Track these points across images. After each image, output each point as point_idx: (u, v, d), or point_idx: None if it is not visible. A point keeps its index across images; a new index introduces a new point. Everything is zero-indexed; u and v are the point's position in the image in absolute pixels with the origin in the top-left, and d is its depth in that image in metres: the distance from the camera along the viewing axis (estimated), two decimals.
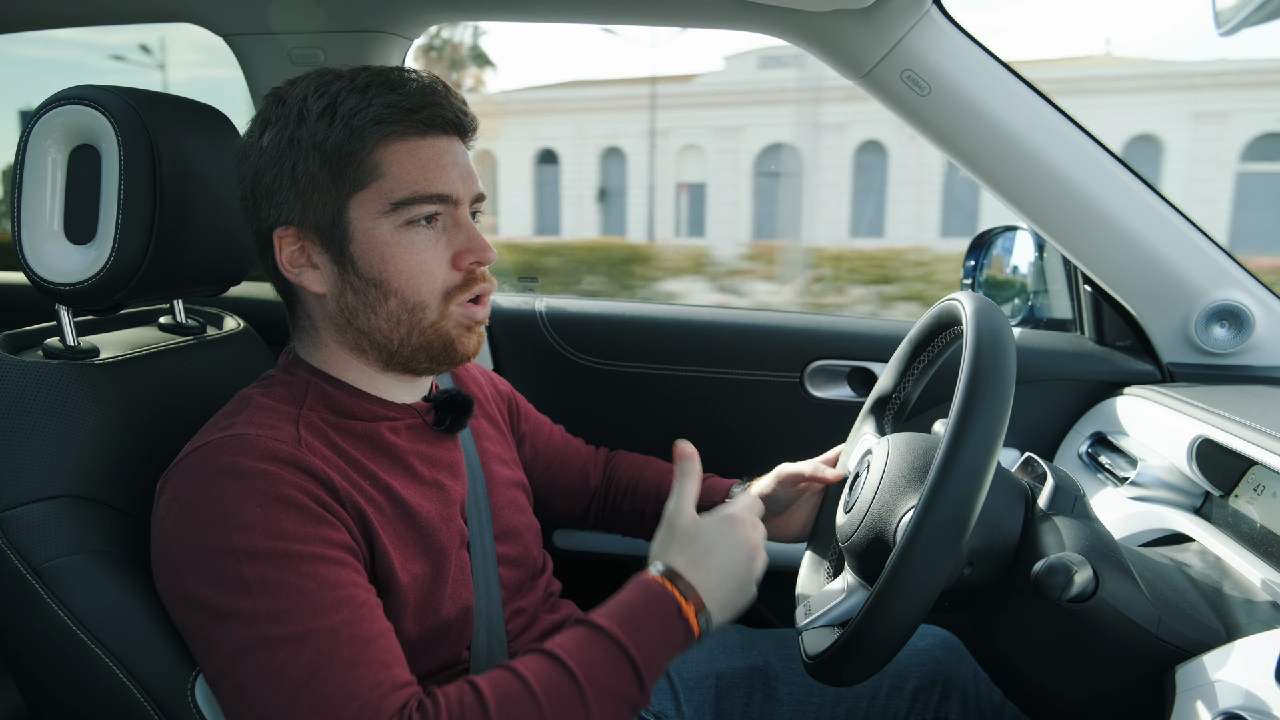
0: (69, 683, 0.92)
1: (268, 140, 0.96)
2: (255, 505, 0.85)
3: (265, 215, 0.98)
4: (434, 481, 1.05)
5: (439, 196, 0.96)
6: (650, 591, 0.92)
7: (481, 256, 0.99)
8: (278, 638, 0.81)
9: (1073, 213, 1.39)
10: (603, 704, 0.85)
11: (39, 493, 0.94)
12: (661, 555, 0.98)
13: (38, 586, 0.91)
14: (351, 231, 0.96)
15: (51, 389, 0.99)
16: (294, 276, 0.99)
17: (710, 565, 0.96)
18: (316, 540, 0.86)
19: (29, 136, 1.01)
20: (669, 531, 0.99)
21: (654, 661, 0.89)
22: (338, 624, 0.83)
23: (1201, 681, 0.81)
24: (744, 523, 1.01)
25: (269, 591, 0.82)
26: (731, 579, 0.97)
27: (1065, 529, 0.89)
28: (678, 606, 0.91)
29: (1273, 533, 1.02)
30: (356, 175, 0.94)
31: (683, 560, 0.96)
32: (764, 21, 1.41)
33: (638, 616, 0.90)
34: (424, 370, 1.04)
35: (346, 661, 0.81)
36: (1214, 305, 1.40)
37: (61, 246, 1.03)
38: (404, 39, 1.58)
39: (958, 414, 0.81)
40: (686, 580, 0.94)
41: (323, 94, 0.95)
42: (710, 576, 0.95)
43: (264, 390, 0.99)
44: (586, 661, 0.86)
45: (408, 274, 0.96)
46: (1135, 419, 1.38)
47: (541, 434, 1.38)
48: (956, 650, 1.28)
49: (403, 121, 0.95)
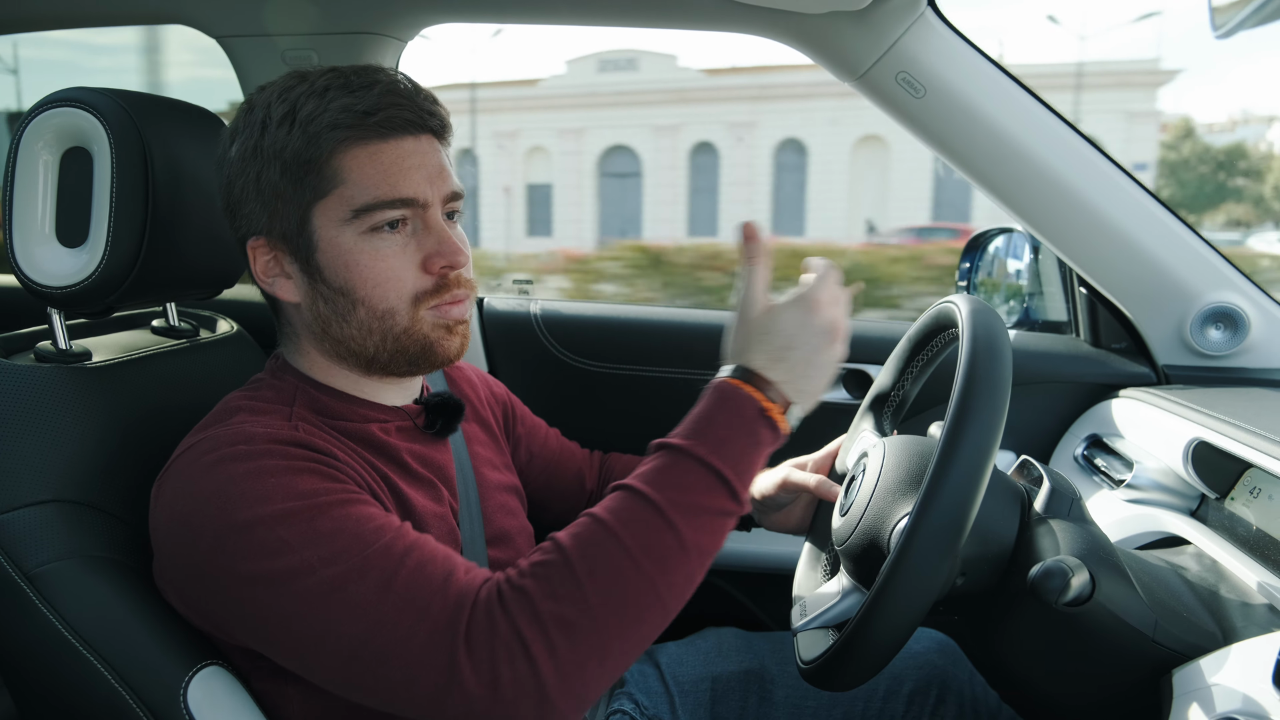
0: (61, 688, 0.92)
1: (235, 150, 0.95)
2: (267, 478, 0.84)
3: (239, 226, 0.98)
4: (428, 481, 1.04)
5: (402, 200, 0.93)
6: (725, 395, 0.88)
7: (452, 260, 0.95)
8: (338, 575, 0.80)
9: (1068, 215, 1.39)
10: (692, 522, 0.83)
11: (30, 497, 0.93)
12: (737, 354, 0.92)
13: (29, 592, 0.90)
14: (316, 240, 0.94)
15: (43, 392, 0.98)
16: (269, 287, 0.98)
17: (793, 358, 0.90)
18: (338, 491, 0.85)
19: (20, 139, 1.01)
20: (743, 326, 0.93)
21: (742, 467, 0.86)
22: (389, 542, 0.82)
23: (1198, 685, 0.81)
24: (822, 303, 0.93)
25: (311, 542, 0.81)
26: (816, 367, 0.91)
27: (1061, 532, 0.88)
28: (759, 407, 0.87)
29: (1269, 535, 1.02)
30: (316, 183, 0.92)
31: (761, 357, 0.90)
32: (758, 24, 1.41)
33: (715, 425, 0.86)
34: (406, 373, 1.02)
35: (413, 567, 0.81)
36: (1209, 307, 1.40)
37: (53, 249, 1.02)
38: (397, 41, 1.57)
39: (952, 419, 0.81)
40: (766, 377, 0.89)
41: (284, 99, 0.93)
42: (795, 369, 0.90)
43: (252, 394, 0.98)
44: (664, 484, 0.84)
45: (374, 281, 0.94)
46: (1131, 421, 1.38)
47: (537, 437, 1.37)
48: (953, 654, 1.28)
49: (358, 126, 0.92)
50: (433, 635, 0.78)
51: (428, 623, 0.78)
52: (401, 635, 0.78)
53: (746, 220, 0.97)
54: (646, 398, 1.71)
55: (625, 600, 0.80)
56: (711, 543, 0.85)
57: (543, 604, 0.78)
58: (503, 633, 0.78)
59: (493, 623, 0.78)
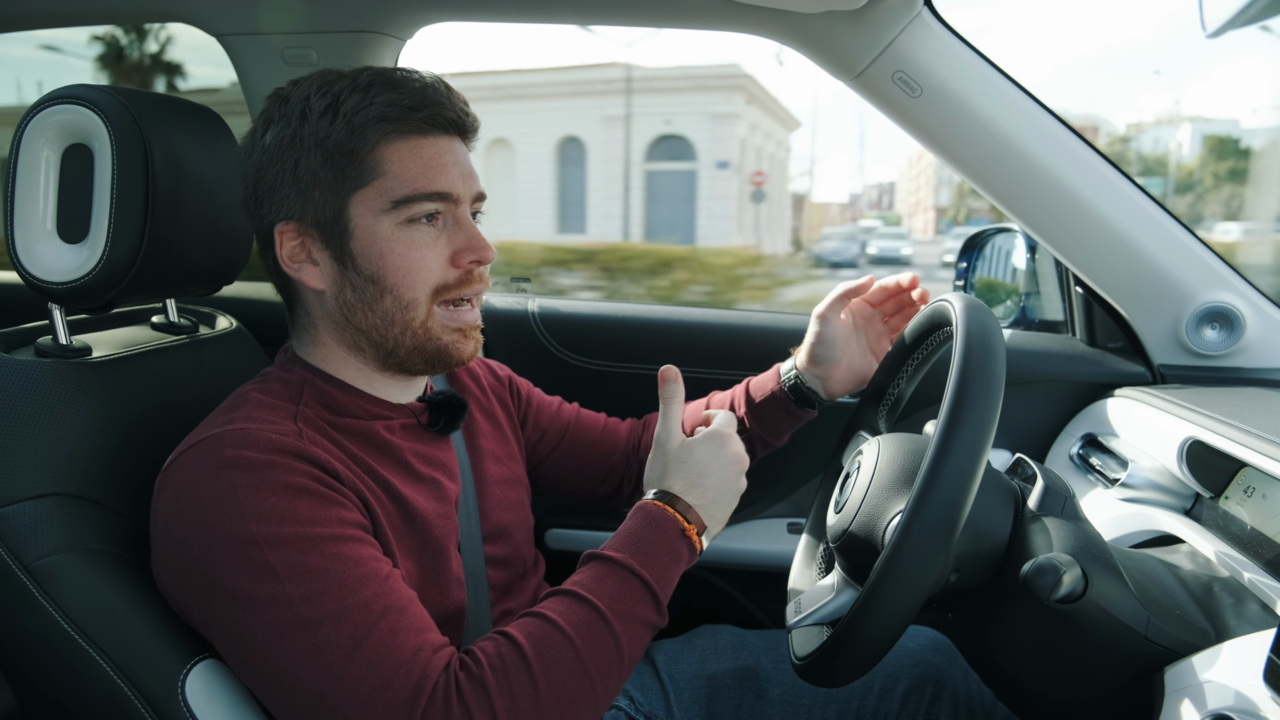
0: (60, 681, 0.92)
1: (270, 138, 0.97)
2: (268, 494, 0.85)
3: (267, 212, 0.99)
4: (431, 479, 1.05)
5: (439, 195, 0.97)
6: (652, 517, 0.98)
7: (481, 255, 1.00)
8: (314, 618, 0.81)
9: (1064, 214, 1.39)
10: (628, 630, 0.90)
11: (31, 491, 0.94)
12: (657, 480, 1.04)
13: (29, 585, 0.91)
14: (352, 228, 0.96)
15: (44, 387, 0.99)
16: (294, 272, 0.99)
17: (705, 485, 1.03)
18: (333, 521, 0.87)
19: (22, 135, 1.01)
20: (662, 456, 1.06)
21: (666, 582, 0.95)
22: (369, 597, 0.84)
23: (1190, 683, 0.81)
24: (730, 438, 1.08)
25: (296, 575, 0.82)
26: (725, 494, 1.04)
27: (1055, 530, 0.89)
28: (680, 527, 0.98)
29: (1262, 534, 1.02)
30: (358, 173, 0.95)
31: (680, 483, 1.02)
32: (755, 23, 1.42)
33: (645, 543, 0.95)
34: (419, 371, 1.04)
35: (386, 632, 0.83)
36: (1205, 307, 1.40)
37: (54, 245, 1.03)
38: (397, 39, 1.58)
39: (946, 418, 0.82)
40: (685, 501, 1.00)
41: (325, 93, 0.96)
42: (707, 495, 1.02)
43: (261, 387, 0.99)
44: (607, 594, 0.90)
45: (405, 270, 0.97)
46: (1126, 420, 1.38)
47: (548, 411, 1.36)
48: (947, 651, 1.28)
49: (404, 120, 0.96)
50: (389, 709, 0.80)
51: (387, 695, 0.80)
52: (360, 701, 0.80)
53: (664, 366, 1.12)
54: (645, 395, 1.72)
55: (571, 701, 0.84)
56: (637, 653, 0.91)
57: (498, 700, 0.82)
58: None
59: (449, 712, 0.80)
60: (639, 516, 0.98)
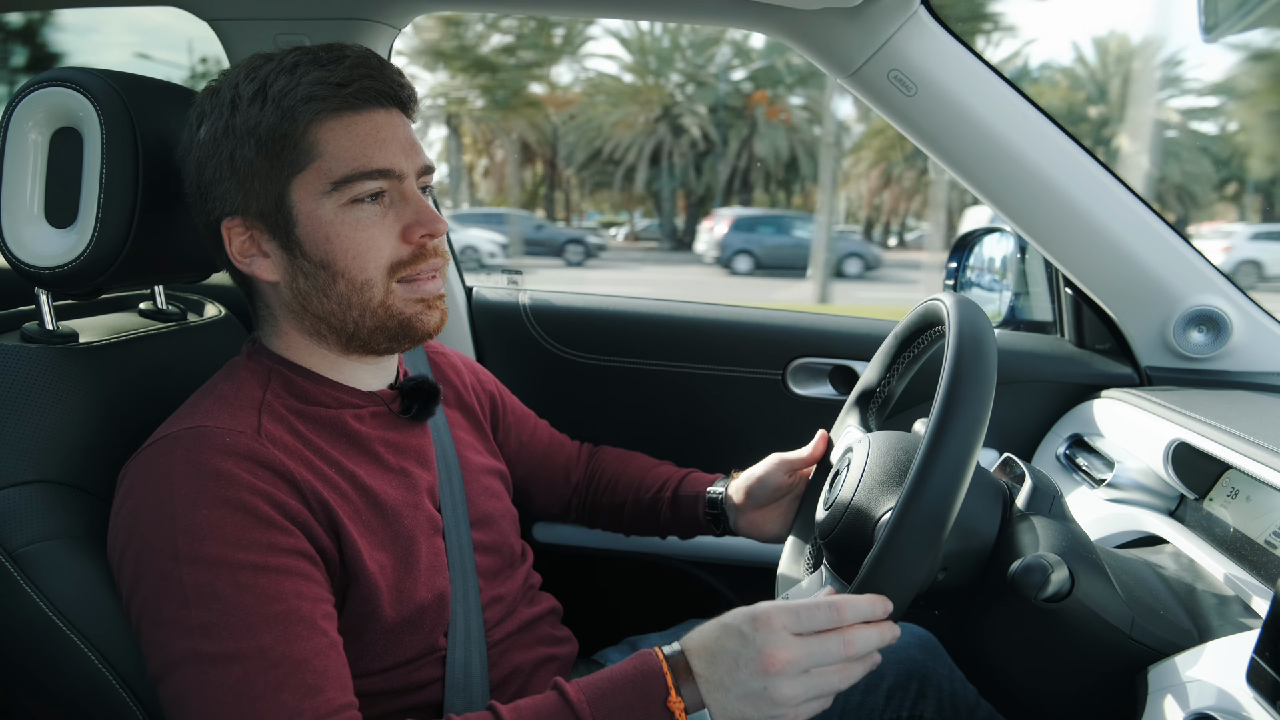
0: (45, 668, 0.92)
1: (204, 132, 0.95)
2: (203, 508, 0.84)
3: (211, 209, 0.97)
4: (400, 469, 1.04)
5: (381, 171, 0.94)
6: (645, 669, 0.84)
7: (432, 228, 0.97)
8: (207, 654, 0.81)
9: (1055, 215, 1.40)
10: None
11: (15, 477, 0.93)
12: (690, 641, 0.87)
13: (13, 572, 0.90)
14: (295, 215, 0.95)
15: (29, 373, 0.98)
16: (245, 267, 0.98)
17: (730, 685, 0.83)
18: (262, 547, 0.85)
19: (10, 118, 1.00)
20: (718, 629, 0.86)
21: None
22: (268, 643, 0.82)
23: (1173, 682, 0.82)
24: (782, 638, 0.83)
25: (203, 602, 0.82)
26: (752, 697, 0.82)
27: (1042, 529, 0.89)
28: (665, 697, 0.82)
29: (1246, 536, 1.03)
30: (294, 157, 0.93)
31: (701, 664, 0.84)
32: (752, 18, 1.42)
33: (616, 692, 0.83)
34: (385, 350, 1.03)
35: (271, 685, 0.81)
36: (1192, 310, 1.41)
37: (42, 230, 1.02)
38: (391, 27, 1.56)
39: (938, 416, 0.82)
40: (695, 681, 0.83)
41: (253, 78, 0.94)
42: (728, 696, 0.82)
43: (227, 378, 0.99)
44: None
45: (354, 252, 0.95)
46: (1113, 421, 1.39)
47: (526, 427, 1.38)
48: (933, 648, 1.29)
49: (333, 97, 0.93)
50: None
51: None
52: None
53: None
54: (634, 389, 1.72)
55: None
56: None
57: None
58: None
59: None
60: (636, 663, 0.85)
